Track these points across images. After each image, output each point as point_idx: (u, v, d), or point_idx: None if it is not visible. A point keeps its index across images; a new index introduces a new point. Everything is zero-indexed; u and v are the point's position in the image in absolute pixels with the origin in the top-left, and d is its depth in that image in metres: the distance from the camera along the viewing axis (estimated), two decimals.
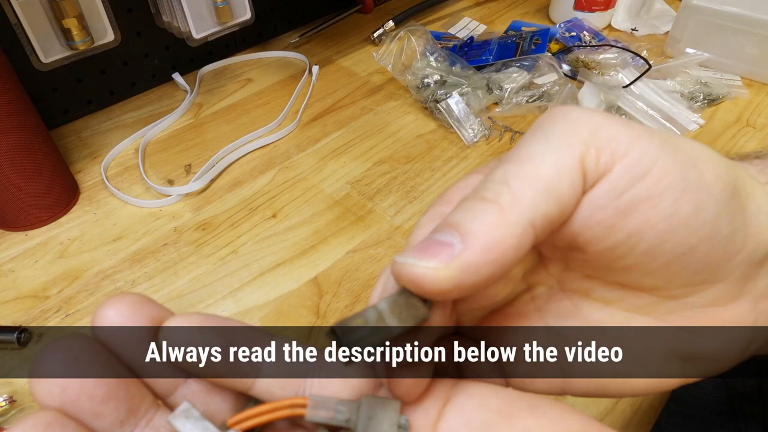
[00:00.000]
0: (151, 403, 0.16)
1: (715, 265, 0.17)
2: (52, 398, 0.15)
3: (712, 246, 0.17)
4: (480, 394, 0.17)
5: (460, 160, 0.55)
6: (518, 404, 0.17)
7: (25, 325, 0.40)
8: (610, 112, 0.56)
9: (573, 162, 0.16)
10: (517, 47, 0.65)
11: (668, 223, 0.16)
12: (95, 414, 0.15)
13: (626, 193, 0.16)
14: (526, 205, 0.15)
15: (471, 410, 0.17)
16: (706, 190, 0.16)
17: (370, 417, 0.17)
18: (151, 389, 0.17)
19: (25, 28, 0.46)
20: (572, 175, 0.16)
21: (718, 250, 0.17)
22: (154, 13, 0.59)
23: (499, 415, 0.17)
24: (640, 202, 0.16)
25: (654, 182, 0.16)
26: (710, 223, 0.16)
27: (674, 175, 0.16)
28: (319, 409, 0.17)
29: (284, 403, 0.17)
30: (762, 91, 0.63)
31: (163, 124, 0.60)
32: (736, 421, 0.33)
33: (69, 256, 0.46)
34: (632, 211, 0.16)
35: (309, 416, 0.17)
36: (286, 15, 0.75)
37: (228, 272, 0.44)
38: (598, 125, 0.16)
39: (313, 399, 0.17)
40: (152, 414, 0.16)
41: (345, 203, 0.51)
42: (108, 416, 0.15)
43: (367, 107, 0.63)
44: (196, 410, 0.16)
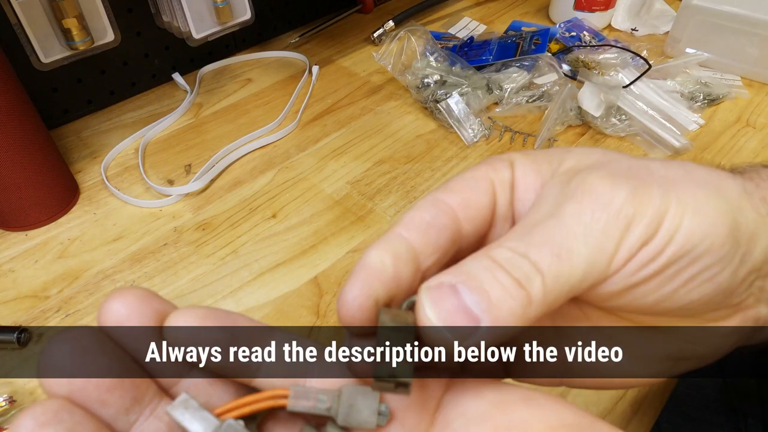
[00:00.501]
0: (155, 392, 0.17)
1: (715, 303, 0.18)
2: (59, 387, 0.15)
3: (716, 294, 0.18)
4: (475, 387, 0.18)
5: (460, 160, 0.55)
6: (512, 396, 0.17)
7: (25, 325, 0.40)
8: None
9: (604, 258, 0.17)
10: (517, 47, 0.65)
11: (672, 290, 0.17)
12: (101, 402, 0.15)
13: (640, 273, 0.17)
14: (549, 300, 0.16)
15: (467, 402, 0.17)
16: (714, 254, 0.17)
17: (350, 405, 0.17)
18: (155, 381, 0.17)
19: (25, 28, 0.46)
20: (601, 273, 0.17)
21: (720, 294, 0.18)
22: (154, 13, 0.59)
23: (494, 406, 0.17)
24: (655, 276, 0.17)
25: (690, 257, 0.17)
26: (714, 280, 0.17)
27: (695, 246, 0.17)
28: (301, 399, 0.17)
29: (266, 395, 0.17)
30: (762, 91, 0.63)
31: (163, 124, 0.60)
32: (736, 421, 0.33)
33: (69, 256, 0.46)
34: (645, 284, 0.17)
35: (291, 406, 0.17)
36: (286, 15, 0.75)
37: (228, 272, 0.44)
38: (632, 220, 0.17)
39: (294, 389, 0.17)
40: (156, 403, 0.17)
41: (345, 203, 0.51)
42: (114, 404, 0.16)
43: (367, 107, 0.63)
44: (194, 401, 0.17)
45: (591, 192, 0.17)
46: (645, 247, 0.16)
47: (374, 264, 0.17)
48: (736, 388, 0.34)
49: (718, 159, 0.55)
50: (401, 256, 0.17)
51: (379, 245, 0.17)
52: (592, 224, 0.16)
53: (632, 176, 0.17)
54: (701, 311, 0.19)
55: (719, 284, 0.17)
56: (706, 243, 0.17)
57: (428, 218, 0.18)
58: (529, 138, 0.57)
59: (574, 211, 0.17)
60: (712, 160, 0.54)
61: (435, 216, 0.18)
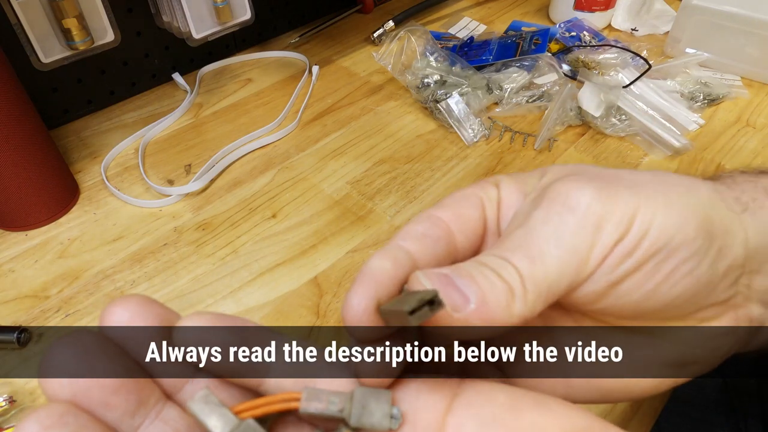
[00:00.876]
0: (160, 395, 0.17)
1: (699, 299, 0.19)
2: (62, 390, 0.15)
3: (697, 289, 0.18)
4: (487, 390, 0.18)
5: (460, 160, 0.55)
6: (524, 400, 0.17)
7: (25, 325, 0.40)
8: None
9: (577, 258, 0.17)
10: (517, 47, 0.65)
11: (654, 285, 0.18)
12: (106, 405, 0.15)
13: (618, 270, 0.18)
14: (531, 300, 0.17)
15: (479, 405, 0.17)
16: (688, 247, 0.18)
17: (363, 406, 0.17)
18: (159, 385, 0.17)
19: (25, 28, 0.46)
20: (578, 272, 0.17)
21: (702, 289, 0.18)
22: (154, 13, 0.59)
23: (506, 409, 0.17)
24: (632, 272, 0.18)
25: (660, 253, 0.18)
26: (693, 273, 0.18)
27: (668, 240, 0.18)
28: (313, 401, 0.17)
29: (279, 397, 0.17)
30: (762, 91, 0.63)
31: (163, 124, 0.60)
32: (736, 421, 0.33)
33: (69, 256, 0.46)
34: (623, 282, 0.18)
35: (303, 408, 0.17)
36: (286, 15, 0.75)
37: (228, 272, 0.44)
38: (601, 219, 0.18)
39: (307, 391, 0.17)
40: (161, 406, 0.17)
41: (345, 203, 0.51)
42: (118, 407, 0.15)
43: (367, 107, 0.63)
44: (214, 397, 0.17)
45: (557, 197, 0.18)
46: (620, 244, 0.17)
47: (376, 269, 0.18)
48: (736, 388, 0.34)
49: (718, 159, 0.55)
50: (401, 261, 0.18)
51: (379, 254, 0.18)
52: (561, 227, 0.18)
53: (598, 180, 0.18)
54: (688, 309, 0.19)
55: (699, 277, 0.18)
56: (680, 237, 0.17)
57: (423, 230, 0.19)
58: (529, 138, 0.57)
59: (542, 217, 0.18)
60: (712, 160, 0.55)
61: (429, 228, 0.19)
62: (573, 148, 0.57)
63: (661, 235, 0.17)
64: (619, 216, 0.17)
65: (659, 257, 0.17)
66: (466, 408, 0.17)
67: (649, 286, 0.18)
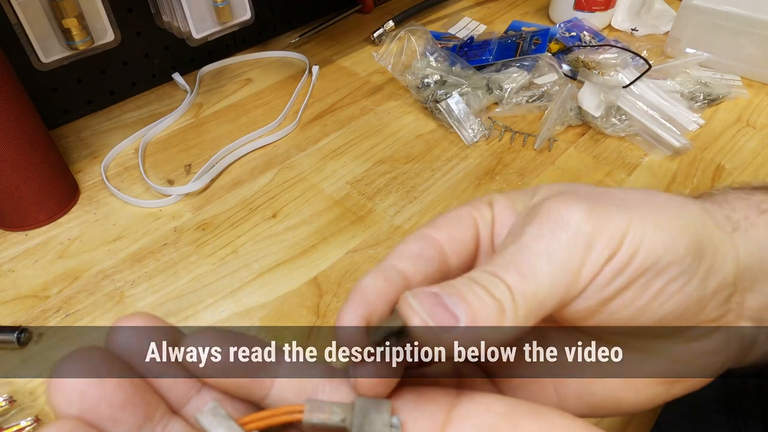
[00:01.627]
0: (165, 410, 0.17)
1: (689, 317, 0.19)
2: (71, 406, 0.15)
3: (687, 307, 0.18)
4: (485, 400, 0.18)
5: (460, 160, 0.55)
6: (522, 410, 0.17)
7: (25, 325, 0.40)
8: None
9: (568, 274, 0.18)
10: (517, 47, 0.65)
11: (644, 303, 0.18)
12: (114, 420, 0.15)
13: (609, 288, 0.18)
14: (522, 316, 0.17)
15: (477, 415, 0.17)
16: (678, 266, 0.18)
17: (364, 416, 0.17)
18: (165, 400, 0.17)
19: (25, 28, 0.46)
20: (569, 289, 0.18)
21: (692, 307, 0.19)
22: (154, 13, 0.59)
23: (504, 419, 0.17)
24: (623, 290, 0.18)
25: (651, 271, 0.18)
26: (682, 291, 0.18)
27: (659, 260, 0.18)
28: (315, 412, 0.17)
29: (282, 410, 0.17)
30: (762, 91, 0.63)
31: (163, 124, 0.60)
32: (736, 421, 0.33)
33: (69, 256, 0.46)
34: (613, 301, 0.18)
35: (306, 419, 0.17)
36: (286, 15, 0.75)
37: (228, 272, 0.44)
38: (592, 237, 0.18)
39: (310, 402, 0.17)
40: (167, 420, 0.17)
41: (345, 203, 0.51)
42: (126, 422, 0.16)
43: (367, 107, 0.63)
44: (222, 409, 0.17)
45: (549, 215, 0.18)
46: (610, 262, 0.18)
47: (368, 286, 0.18)
48: (736, 388, 0.34)
49: (718, 159, 0.55)
50: (393, 280, 0.18)
51: (371, 273, 0.19)
52: (553, 244, 0.18)
53: (590, 199, 0.19)
54: (679, 327, 0.19)
55: (689, 295, 0.18)
56: (669, 256, 0.18)
57: (417, 250, 0.20)
58: (529, 138, 0.57)
59: (534, 234, 0.18)
60: (711, 160, 0.55)
61: (423, 248, 0.20)
62: (573, 148, 0.57)
63: (650, 253, 0.18)
64: (610, 234, 0.18)
65: (649, 275, 0.18)
66: (465, 419, 0.17)
67: (639, 304, 0.18)
